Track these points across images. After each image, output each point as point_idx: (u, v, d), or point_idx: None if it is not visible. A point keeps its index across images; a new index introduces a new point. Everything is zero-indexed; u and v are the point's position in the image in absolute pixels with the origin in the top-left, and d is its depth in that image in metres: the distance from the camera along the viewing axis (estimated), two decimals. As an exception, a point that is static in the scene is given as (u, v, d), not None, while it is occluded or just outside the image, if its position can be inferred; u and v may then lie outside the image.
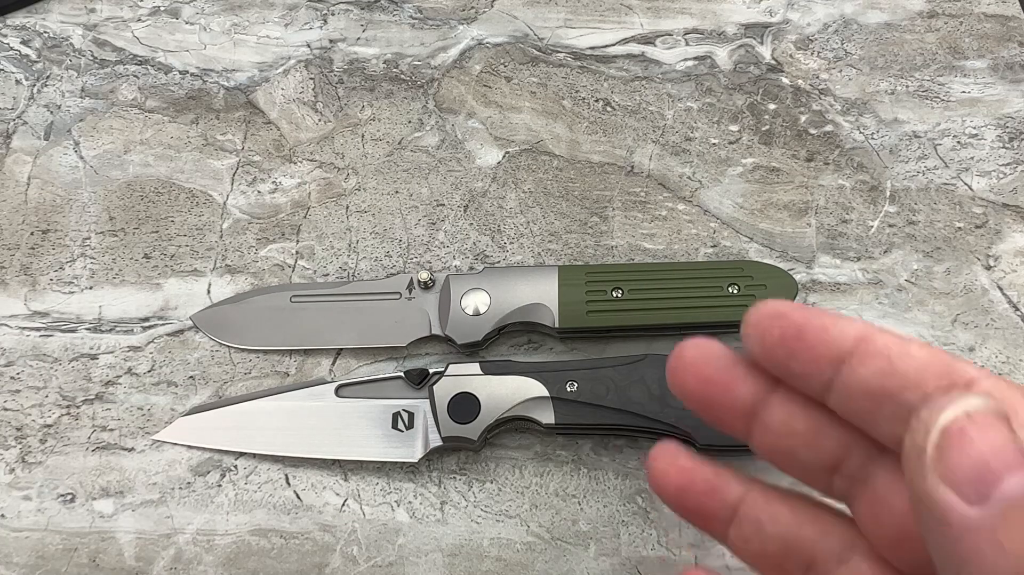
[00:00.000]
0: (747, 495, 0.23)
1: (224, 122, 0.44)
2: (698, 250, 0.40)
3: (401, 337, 0.38)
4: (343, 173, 0.43)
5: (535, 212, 0.41)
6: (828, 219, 0.41)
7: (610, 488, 0.36)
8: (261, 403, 0.37)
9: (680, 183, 0.42)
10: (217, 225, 0.42)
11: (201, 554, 0.35)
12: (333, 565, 0.35)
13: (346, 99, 0.45)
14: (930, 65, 0.44)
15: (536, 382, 0.35)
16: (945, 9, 0.46)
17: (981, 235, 0.40)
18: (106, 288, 0.40)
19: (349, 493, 0.36)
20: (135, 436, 0.38)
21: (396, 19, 0.47)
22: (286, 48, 0.46)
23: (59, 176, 0.43)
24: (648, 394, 0.35)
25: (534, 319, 0.37)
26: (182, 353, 0.39)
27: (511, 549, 0.35)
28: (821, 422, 0.21)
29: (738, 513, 0.23)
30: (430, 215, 0.42)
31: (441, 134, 0.44)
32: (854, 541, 0.22)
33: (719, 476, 0.23)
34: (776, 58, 0.45)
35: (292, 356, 0.39)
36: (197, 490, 0.37)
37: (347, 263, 0.41)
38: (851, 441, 0.21)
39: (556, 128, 0.43)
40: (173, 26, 0.47)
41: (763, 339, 0.21)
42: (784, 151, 0.42)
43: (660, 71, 0.45)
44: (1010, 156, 0.42)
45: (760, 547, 0.22)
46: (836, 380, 0.20)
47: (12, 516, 0.36)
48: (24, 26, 0.47)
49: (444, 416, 0.35)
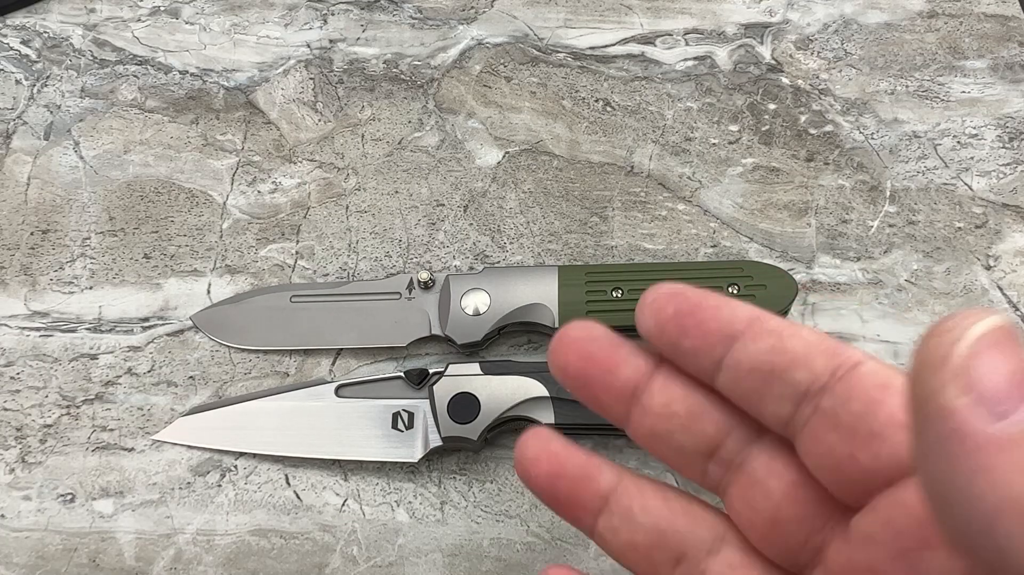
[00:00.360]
0: (619, 484, 0.22)
1: (224, 122, 0.44)
2: (698, 250, 0.40)
3: (401, 337, 0.38)
4: (343, 173, 0.43)
5: (535, 212, 0.41)
6: (828, 219, 0.41)
7: (610, 488, 0.36)
8: (261, 403, 0.37)
9: (680, 183, 0.42)
10: (217, 225, 0.42)
11: (201, 554, 0.35)
12: (333, 565, 0.35)
13: (346, 99, 0.45)
14: (930, 65, 0.44)
15: (536, 382, 0.35)
16: (945, 9, 0.46)
17: (981, 235, 0.40)
18: (106, 288, 0.40)
19: (349, 493, 0.36)
20: (135, 436, 0.38)
21: (396, 19, 0.47)
22: (286, 48, 0.46)
23: (59, 176, 0.43)
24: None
25: (534, 319, 0.37)
26: (182, 353, 0.39)
27: (511, 549, 0.35)
28: (701, 406, 0.21)
29: (609, 502, 0.22)
30: (430, 215, 0.42)
31: (441, 134, 0.44)
32: (725, 533, 0.22)
33: (591, 463, 0.23)
34: (776, 58, 0.45)
35: (292, 356, 0.39)
36: (197, 490, 0.37)
37: (347, 263, 0.41)
38: (729, 426, 0.21)
39: (556, 128, 0.43)
40: (173, 26, 0.47)
41: (657, 315, 0.21)
42: (784, 151, 0.42)
43: (660, 71, 0.45)
44: (1010, 156, 0.42)
45: (630, 538, 0.22)
46: (727, 357, 0.20)
47: (12, 516, 0.36)
48: (24, 26, 0.47)
49: (444, 416, 0.35)
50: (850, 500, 0.19)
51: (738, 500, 0.21)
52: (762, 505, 0.21)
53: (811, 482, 0.20)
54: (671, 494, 0.22)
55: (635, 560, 0.22)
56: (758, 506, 0.21)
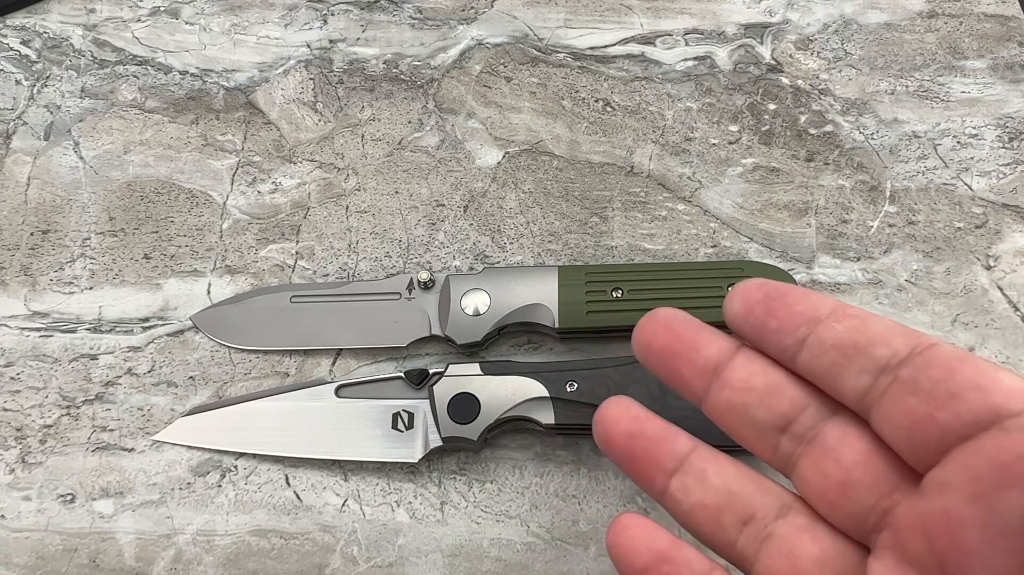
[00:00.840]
0: (694, 450, 0.24)
1: (224, 122, 0.44)
2: (698, 250, 0.40)
3: (401, 337, 0.38)
4: (343, 173, 0.43)
5: (535, 212, 0.41)
6: (828, 219, 0.41)
7: (610, 489, 0.36)
8: (261, 403, 0.37)
9: (680, 183, 0.42)
10: (217, 225, 0.42)
11: (201, 554, 0.35)
12: (333, 565, 0.35)
13: (346, 99, 0.45)
14: (930, 65, 0.44)
15: (536, 382, 0.35)
16: (945, 9, 0.46)
17: (981, 235, 0.40)
18: (106, 288, 0.40)
19: (349, 493, 0.36)
20: (135, 436, 0.38)
21: (396, 19, 0.47)
22: (286, 48, 0.46)
23: (59, 176, 0.43)
24: (648, 394, 0.35)
25: (534, 319, 0.37)
26: (182, 353, 0.39)
27: (511, 549, 0.35)
28: (779, 382, 0.23)
29: (684, 464, 0.24)
30: (430, 215, 0.42)
31: (441, 134, 0.44)
32: (792, 503, 0.23)
33: (669, 429, 0.24)
34: (776, 58, 0.45)
35: (292, 356, 0.39)
36: (197, 490, 0.37)
37: (347, 263, 0.41)
38: (805, 402, 0.23)
39: (556, 128, 0.43)
40: (173, 26, 0.47)
41: (747, 299, 0.23)
42: (784, 151, 0.42)
43: (660, 71, 0.45)
44: (1010, 156, 0.42)
45: (701, 498, 0.23)
46: (811, 336, 0.22)
47: (12, 516, 0.36)
48: (24, 26, 0.47)
49: (444, 416, 0.35)
50: (923, 460, 0.20)
51: (808, 470, 0.23)
52: (833, 471, 0.22)
53: (882, 451, 0.21)
54: (742, 465, 0.24)
55: (703, 520, 0.24)
56: (828, 472, 0.22)
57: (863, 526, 0.22)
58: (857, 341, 0.21)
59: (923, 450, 0.20)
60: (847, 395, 0.22)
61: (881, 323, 0.21)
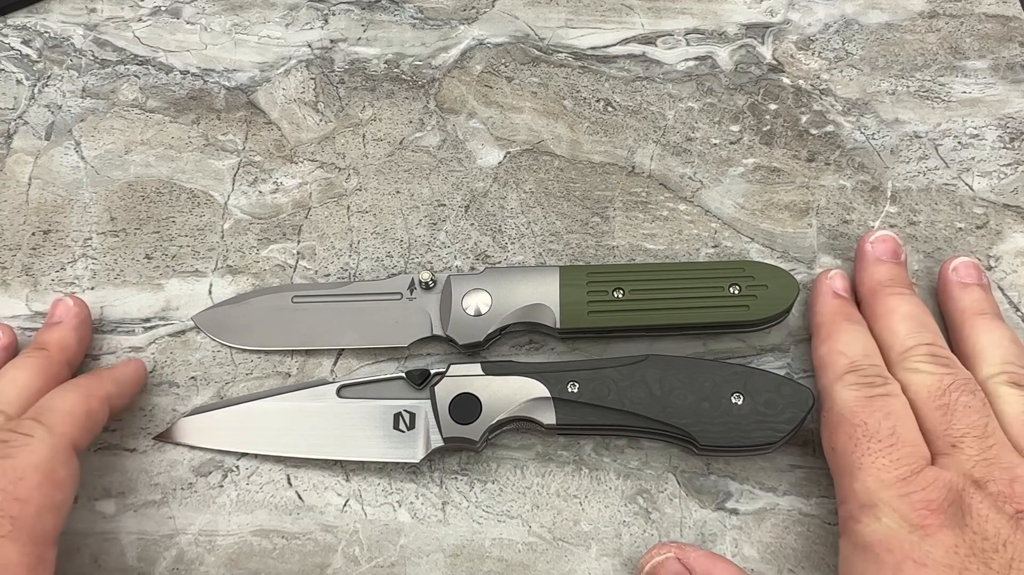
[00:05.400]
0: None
1: (225, 122, 0.44)
2: (699, 250, 0.40)
3: (402, 337, 0.38)
4: (344, 173, 0.43)
5: (536, 212, 0.42)
6: (829, 219, 0.41)
7: (611, 488, 0.36)
8: (263, 404, 0.37)
9: (681, 183, 0.42)
10: (218, 225, 0.42)
11: (203, 555, 0.36)
12: (335, 565, 0.35)
13: (347, 99, 0.45)
14: (931, 65, 0.44)
15: (537, 383, 0.35)
16: (946, 9, 0.46)
17: (982, 235, 0.40)
18: (107, 289, 0.40)
19: (351, 493, 0.36)
20: (137, 437, 0.38)
21: (397, 19, 0.47)
22: (287, 48, 0.46)
23: (60, 176, 0.43)
24: (649, 394, 0.35)
25: (535, 319, 0.37)
26: (184, 354, 0.39)
27: (512, 549, 0.35)
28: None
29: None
30: (431, 215, 0.42)
31: (442, 134, 0.44)
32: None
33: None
34: (777, 58, 0.45)
35: (293, 357, 0.39)
36: (199, 491, 0.37)
37: (348, 263, 0.41)
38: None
39: (557, 128, 0.43)
40: (174, 26, 0.47)
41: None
42: (785, 151, 0.42)
43: (661, 71, 0.45)
44: (1011, 156, 0.42)
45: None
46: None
47: (14, 516, 0.36)
48: (25, 26, 0.47)
49: (445, 416, 0.35)
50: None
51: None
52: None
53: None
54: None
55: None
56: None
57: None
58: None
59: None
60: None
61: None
